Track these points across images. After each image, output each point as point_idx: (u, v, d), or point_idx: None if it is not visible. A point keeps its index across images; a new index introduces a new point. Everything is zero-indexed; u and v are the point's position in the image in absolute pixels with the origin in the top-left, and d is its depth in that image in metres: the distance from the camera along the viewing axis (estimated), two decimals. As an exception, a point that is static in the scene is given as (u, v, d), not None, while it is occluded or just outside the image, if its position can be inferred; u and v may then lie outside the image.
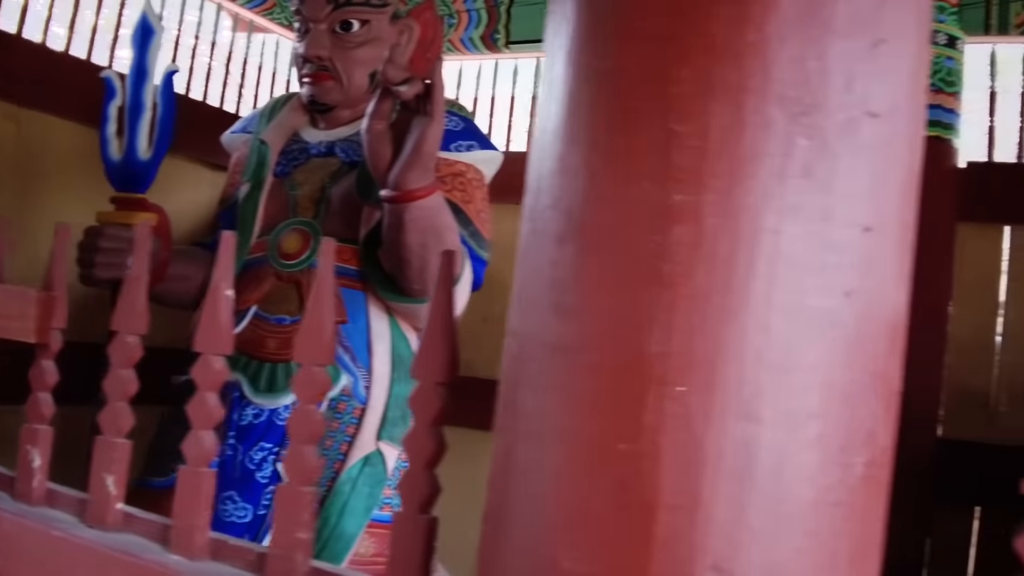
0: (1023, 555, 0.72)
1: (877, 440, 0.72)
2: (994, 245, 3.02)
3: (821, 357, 0.69)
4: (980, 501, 2.94)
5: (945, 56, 3.01)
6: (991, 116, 3.19)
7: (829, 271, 0.69)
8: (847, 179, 0.70)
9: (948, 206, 2.96)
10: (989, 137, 3.18)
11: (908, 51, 0.75)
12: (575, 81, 0.78)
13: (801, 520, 0.69)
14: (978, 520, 2.99)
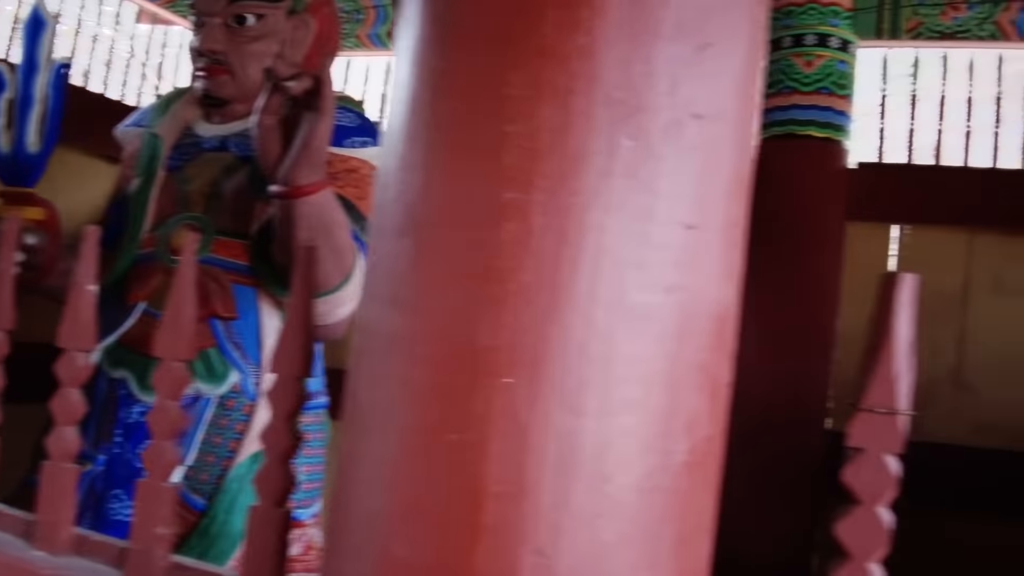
0: (844, 542, 0.77)
1: (700, 429, 0.75)
2: (882, 243, 3.14)
3: (642, 350, 0.72)
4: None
5: (838, 60, 3.10)
6: (881, 118, 3.31)
7: (651, 267, 0.72)
8: (670, 179, 0.73)
9: (838, 206, 3.06)
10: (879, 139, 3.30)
11: (735, 55, 0.78)
12: (418, 81, 0.80)
13: (623, 506, 0.71)
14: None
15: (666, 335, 0.73)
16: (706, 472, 0.77)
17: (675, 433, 0.73)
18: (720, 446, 0.79)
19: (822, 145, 3.06)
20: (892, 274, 0.76)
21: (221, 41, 2.23)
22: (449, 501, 0.71)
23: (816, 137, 3.05)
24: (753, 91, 0.80)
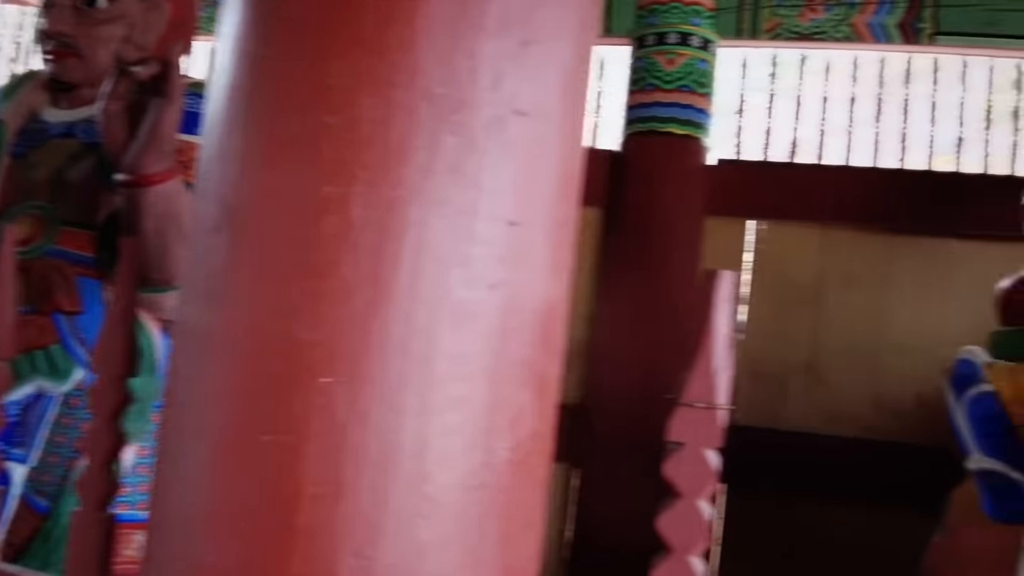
0: (665, 536, 0.78)
1: (525, 426, 0.75)
2: (739, 238, 3.23)
3: (465, 347, 0.71)
4: (726, 480, 3.14)
5: (699, 59, 3.18)
6: (740, 116, 3.41)
7: (474, 264, 0.71)
8: (493, 175, 0.72)
9: (698, 201, 3.14)
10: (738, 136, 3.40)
11: (562, 52, 0.78)
12: (238, 68, 0.77)
13: (445, 505, 0.71)
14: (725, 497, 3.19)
15: (490, 332, 0.72)
16: (532, 468, 0.77)
17: (499, 430, 0.73)
18: (547, 442, 0.79)
19: (683, 142, 3.13)
20: (711, 271, 0.77)
21: (70, 23, 2.13)
22: (264, 504, 0.69)
23: (677, 134, 3.12)
24: (580, 89, 0.81)
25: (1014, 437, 2.08)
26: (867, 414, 3.12)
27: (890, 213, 3.14)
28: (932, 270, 3.12)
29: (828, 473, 3.04)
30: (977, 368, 2.19)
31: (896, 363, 3.11)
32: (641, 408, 2.41)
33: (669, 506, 0.77)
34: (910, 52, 3.26)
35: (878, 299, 3.16)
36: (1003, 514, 2.11)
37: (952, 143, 3.27)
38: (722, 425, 0.77)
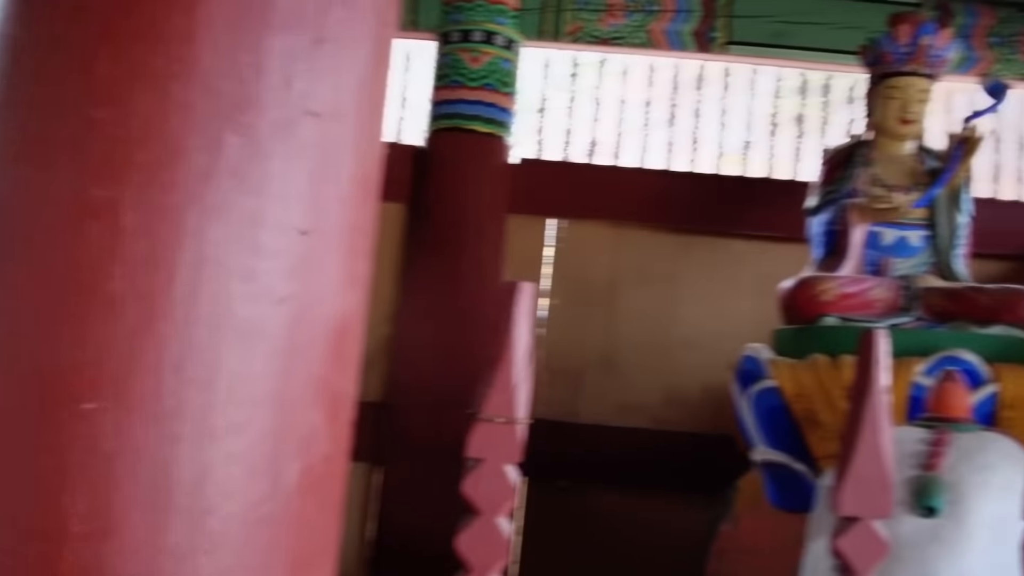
0: (464, 555, 0.75)
1: (316, 448, 0.70)
2: (540, 236, 3.28)
3: (249, 367, 0.66)
4: (526, 472, 3.17)
5: (503, 58, 3.19)
6: (541, 115, 3.45)
7: (260, 277, 0.66)
8: (282, 180, 0.67)
9: (500, 199, 3.16)
10: (540, 136, 3.44)
11: (359, 52, 0.74)
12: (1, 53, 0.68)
13: (228, 538, 0.65)
14: (526, 489, 3.23)
15: (278, 350, 0.67)
16: (324, 493, 0.72)
17: (287, 455, 0.68)
18: (341, 464, 0.75)
19: (487, 140, 3.13)
20: (512, 283, 0.75)
21: None
22: (25, 546, 0.61)
23: (481, 132, 3.12)
24: (377, 90, 0.77)
25: (796, 430, 2.21)
26: (658, 406, 3.24)
27: (682, 213, 3.26)
28: (719, 269, 3.27)
29: (622, 463, 3.14)
30: (761, 365, 2.30)
31: (685, 357, 3.24)
32: (445, 406, 2.39)
33: (468, 525, 0.75)
34: (703, 59, 3.40)
35: (669, 296, 3.28)
36: (786, 503, 2.23)
37: (740, 147, 3.44)
38: (522, 440, 0.75)
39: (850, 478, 0.76)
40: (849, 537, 0.77)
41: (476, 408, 0.72)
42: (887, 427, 0.77)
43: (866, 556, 0.77)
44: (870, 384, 0.77)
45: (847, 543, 0.78)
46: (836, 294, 2.31)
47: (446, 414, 2.86)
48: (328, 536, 0.74)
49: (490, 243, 3.13)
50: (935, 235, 2.51)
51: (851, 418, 0.78)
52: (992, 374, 2.13)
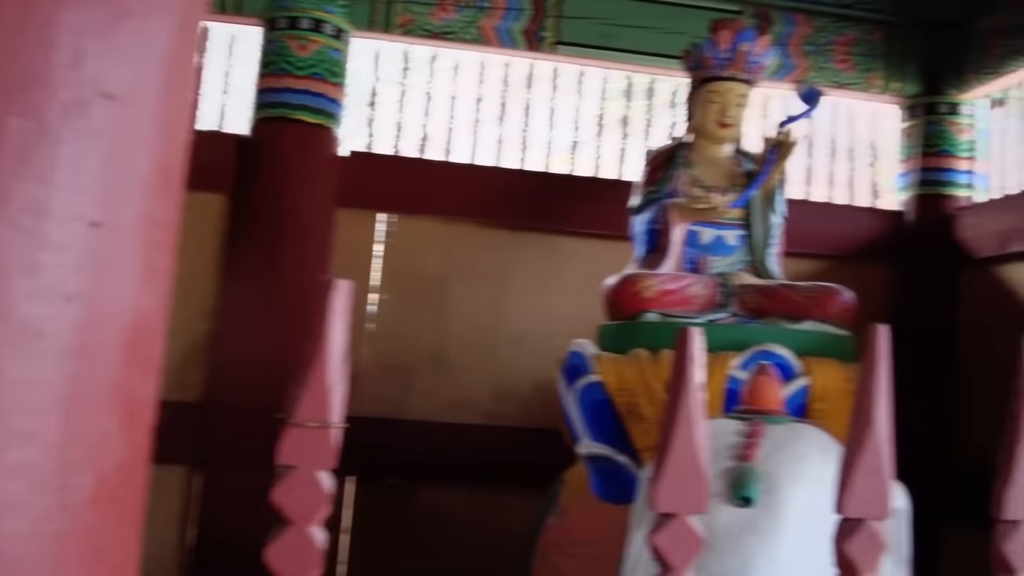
0: (274, 568, 0.71)
1: (110, 456, 0.65)
2: (369, 230, 3.23)
3: (32, 372, 0.60)
4: (355, 470, 3.12)
5: (332, 47, 3.12)
6: (372, 109, 3.39)
7: (45, 272, 0.60)
8: (72, 167, 0.62)
9: (329, 192, 3.09)
10: (370, 129, 3.39)
11: (161, 29, 0.69)
12: None
13: (13, 559, 0.59)
14: (355, 487, 3.18)
15: (65, 352, 0.62)
16: (120, 502, 0.67)
17: (77, 465, 0.62)
18: (140, 470, 0.70)
19: (314, 130, 3.06)
20: (326, 280, 0.72)
21: None
22: None
23: (308, 122, 3.04)
24: (182, 72, 0.72)
25: (619, 423, 2.26)
26: (488, 401, 3.26)
27: (512, 210, 3.29)
28: (548, 265, 3.31)
29: (452, 459, 3.13)
30: (586, 360, 2.35)
31: (515, 353, 3.27)
32: (269, 407, 2.30)
33: (278, 535, 0.71)
34: (533, 58, 3.43)
35: (499, 292, 3.30)
36: (610, 494, 2.28)
37: (568, 146, 3.50)
38: (336, 445, 0.72)
39: (665, 475, 0.77)
40: (665, 533, 0.78)
41: (287, 412, 0.69)
42: (702, 424, 0.79)
43: (682, 551, 0.78)
44: (685, 381, 0.79)
45: (663, 539, 0.79)
46: (657, 291, 2.38)
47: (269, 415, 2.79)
48: (127, 547, 0.69)
49: (317, 237, 3.06)
50: (750, 234, 2.62)
51: (667, 415, 0.79)
52: (803, 368, 2.25)
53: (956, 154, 3.51)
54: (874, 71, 3.52)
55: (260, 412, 2.75)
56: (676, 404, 0.82)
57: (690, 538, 0.82)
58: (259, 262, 2.97)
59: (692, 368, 0.83)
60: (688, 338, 0.83)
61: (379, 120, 3.41)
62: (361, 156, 3.28)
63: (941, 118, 3.52)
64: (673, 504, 0.81)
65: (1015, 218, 3.15)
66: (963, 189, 3.50)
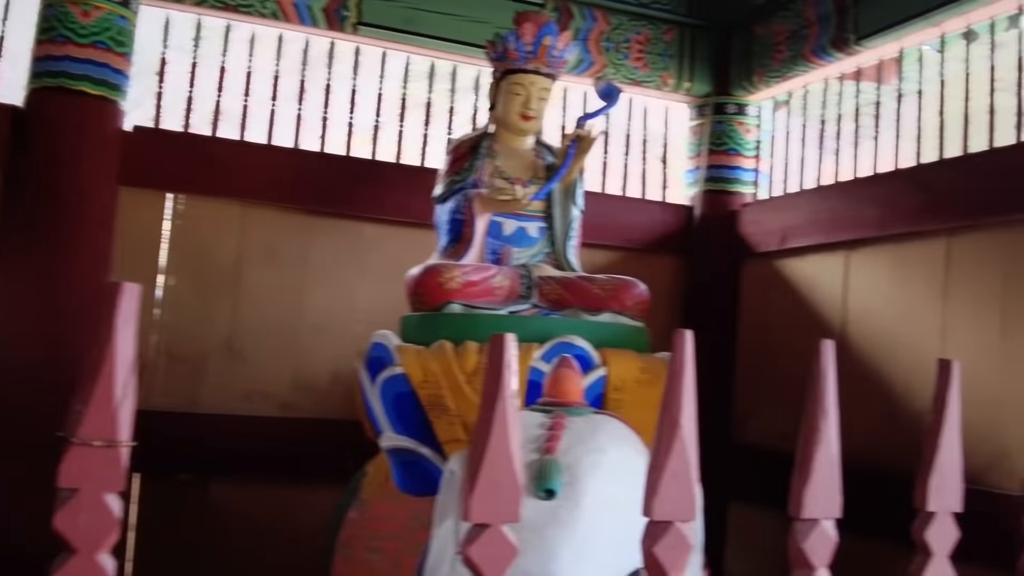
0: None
1: None
2: (157, 210, 3.05)
3: None
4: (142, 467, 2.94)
5: (118, 15, 2.91)
6: (161, 83, 3.19)
7: None
8: None
9: (111, 168, 2.89)
10: (158, 104, 3.18)
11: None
12: None
13: None
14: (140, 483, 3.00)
15: None
16: None
17: None
18: None
19: (96, 103, 2.84)
20: (113, 284, 0.65)
21: None
22: None
23: (90, 93, 2.82)
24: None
25: (423, 416, 2.23)
26: (286, 392, 3.15)
27: (312, 194, 3.19)
28: (348, 251, 3.24)
29: (248, 453, 3.01)
30: (390, 351, 2.30)
31: (313, 341, 3.19)
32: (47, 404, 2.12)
33: (63, 564, 0.64)
34: (334, 37, 3.33)
35: (298, 279, 3.20)
36: (413, 487, 2.25)
37: (370, 128, 3.41)
38: (125, 465, 0.65)
39: (479, 485, 0.75)
40: (479, 544, 0.77)
41: (69, 430, 0.62)
42: (516, 432, 0.77)
43: (496, 561, 0.76)
44: (500, 388, 0.77)
45: (477, 550, 0.77)
46: (461, 282, 2.37)
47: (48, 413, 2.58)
48: None
49: (97, 217, 2.86)
50: (551, 226, 2.65)
51: (480, 423, 0.77)
52: (601, 359, 2.30)
53: (742, 152, 3.70)
54: (667, 70, 3.65)
55: (36, 410, 2.54)
56: (490, 412, 0.81)
57: (504, 548, 0.80)
58: (35, 244, 2.73)
59: (507, 375, 0.81)
60: (503, 344, 0.81)
61: (168, 94, 3.21)
62: (147, 132, 3.07)
63: (729, 118, 3.71)
64: (487, 514, 0.79)
65: (793, 216, 3.36)
66: (747, 186, 3.71)
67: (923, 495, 0.99)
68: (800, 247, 3.32)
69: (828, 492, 0.94)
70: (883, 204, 2.96)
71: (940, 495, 0.99)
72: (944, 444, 0.99)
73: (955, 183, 2.72)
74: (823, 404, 0.95)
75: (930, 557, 0.98)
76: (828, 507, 0.94)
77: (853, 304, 3.08)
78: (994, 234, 2.58)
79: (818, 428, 0.95)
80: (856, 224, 3.05)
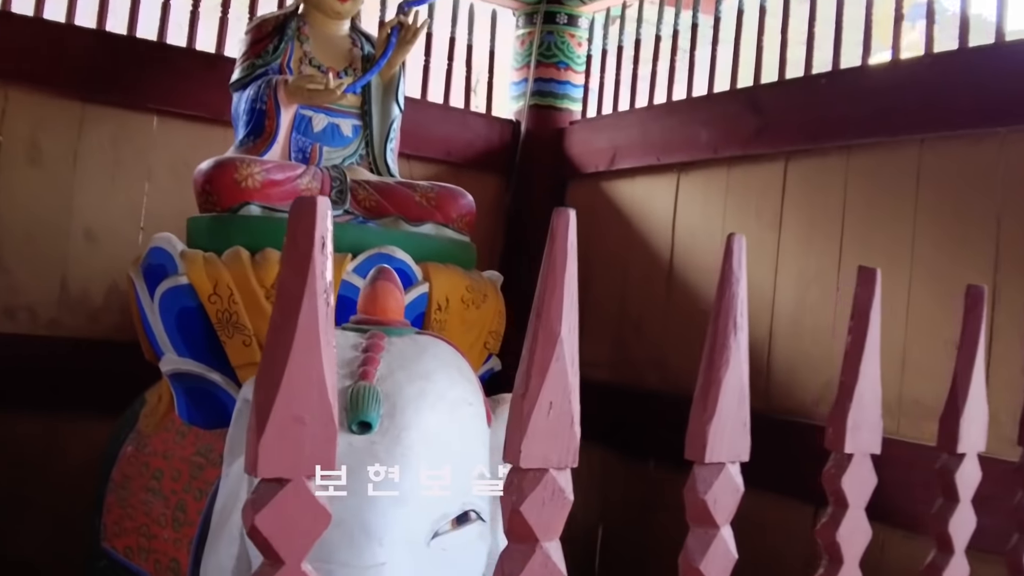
0: None
1: None
2: None
3: None
4: None
5: None
6: None
7: None
8: None
9: None
10: None
11: None
12: None
13: None
14: None
15: None
16: None
17: None
18: None
19: None
20: None
21: None
22: None
23: None
24: None
25: (212, 335, 1.90)
26: (51, 308, 2.72)
27: (86, 78, 2.73)
28: (128, 148, 2.81)
29: (6, 377, 2.58)
30: (171, 258, 1.95)
31: (84, 251, 2.76)
32: None
33: None
34: None
35: (65, 177, 2.74)
36: (200, 418, 1.94)
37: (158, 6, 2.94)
38: None
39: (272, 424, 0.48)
40: (273, 508, 0.50)
41: None
42: (329, 345, 0.51)
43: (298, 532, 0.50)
44: (306, 279, 0.50)
45: (269, 516, 0.50)
46: (261, 180, 2.03)
47: None
48: None
49: None
50: (368, 126, 2.35)
51: (274, 330, 0.50)
52: (423, 274, 2.04)
53: (572, 67, 3.48)
54: (495, -29, 3.37)
55: None
56: (292, 314, 0.54)
57: (310, 511, 0.54)
58: None
59: (319, 259, 0.54)
60: (312, 211, 0.54)
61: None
62: None
63: (560, 28, 3.47)
64: (282, 465, 0.53)
65: (624, 135, 3.19)
66: (576, 103, 3.50)
67: (839, 433, 0.79)
68: (629, 168, 3.16)
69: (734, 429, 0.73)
70: (717, 125, 2.82)
71: (857, 434, 0.80)
72: (865, 371, 0.80)
73: (794, 106, 2.61)
74: (733, 316, 0.73)
75: (845, 508, 0.79)
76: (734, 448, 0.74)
77: (682, 229, 2.95)
78: (831, 159, 2.49)
79: (727, 347, 0.73)
80: (688, 145, 2.91)
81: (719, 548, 0.73)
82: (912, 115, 2.30)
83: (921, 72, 2.34)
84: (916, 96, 2.31)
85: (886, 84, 2.40)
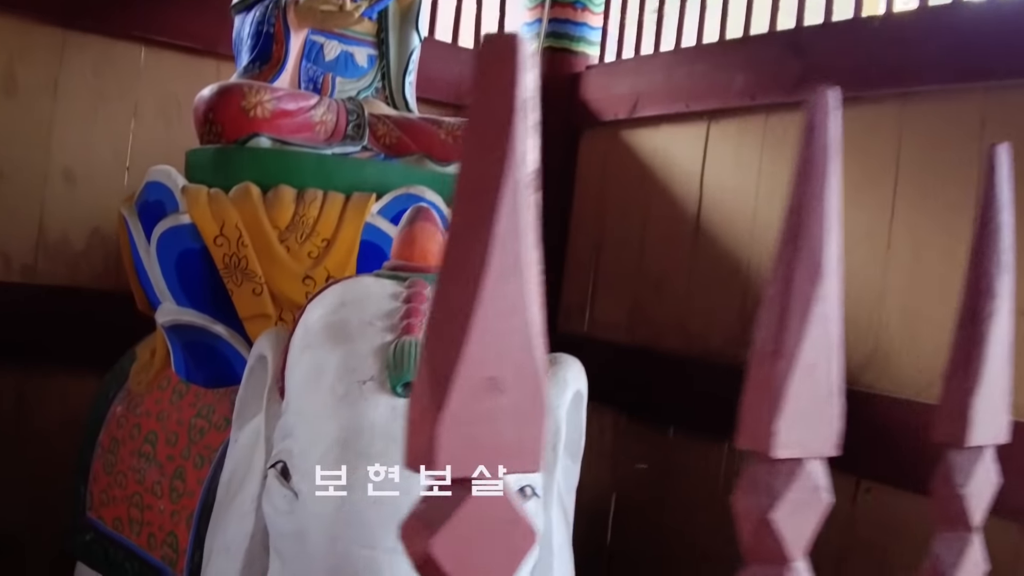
0: None
1: None
2: None
3: None
4: None
5: None
6: None
7: None
8: None
9: None
10: None
11: None
12: None
13: None
14: None
15: None
16: None
17: None
18: None
19: None
20: None
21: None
22: None
23: None
24: None
25: (216, 282, 1.68)
26: (28, 254, 2.49)
27: (69, 4, 2.48)
28: (113, 80, 2.56)
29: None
30: (171, 194, 1.73)
31: (65, 192, 2.52)
32: None
33: None
34: None
35: (44, 112, 2.50)
36: (201, 377, 1.72)
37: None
38: None
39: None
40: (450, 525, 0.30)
41: None
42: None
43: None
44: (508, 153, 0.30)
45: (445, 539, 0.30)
46: (272, 109, 1.80)
47: None
48: None
49: None
50: (384, 56, 2.12)
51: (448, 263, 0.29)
52: (453, 217, 1.83)
53: (590, 8, 3.25)
54: (512, -99, 3.12)
55: None
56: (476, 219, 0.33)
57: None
58: None
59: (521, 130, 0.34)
60: (514, 51, 0.34)
61: None
62: None
63: (577, -36, 3.24)
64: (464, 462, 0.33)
65: (647, 81, 2.97)
66: (593, 47, 3.27)
67: None
68: (653, 116, 2.94)
69: (1001, 399, 0.54)
70: (754, 70, 2.61)
71: None
72: None
73: (843, 49, 2.41)
74: (998, 253, 0.54)
75: None
76: (994, 425, 0.55)
77: (711, 182, 2.75)
78: (883, 107, 2.29)
79: (992, 294, 0.54)
80: (721, 92, 2.70)
81: (972, 556, 0.54)
82: (977, 60, 2.12)
83: (987, 14, 2.15)
84: (981, 41, 2.13)
85: (946, 25, 2.21)
